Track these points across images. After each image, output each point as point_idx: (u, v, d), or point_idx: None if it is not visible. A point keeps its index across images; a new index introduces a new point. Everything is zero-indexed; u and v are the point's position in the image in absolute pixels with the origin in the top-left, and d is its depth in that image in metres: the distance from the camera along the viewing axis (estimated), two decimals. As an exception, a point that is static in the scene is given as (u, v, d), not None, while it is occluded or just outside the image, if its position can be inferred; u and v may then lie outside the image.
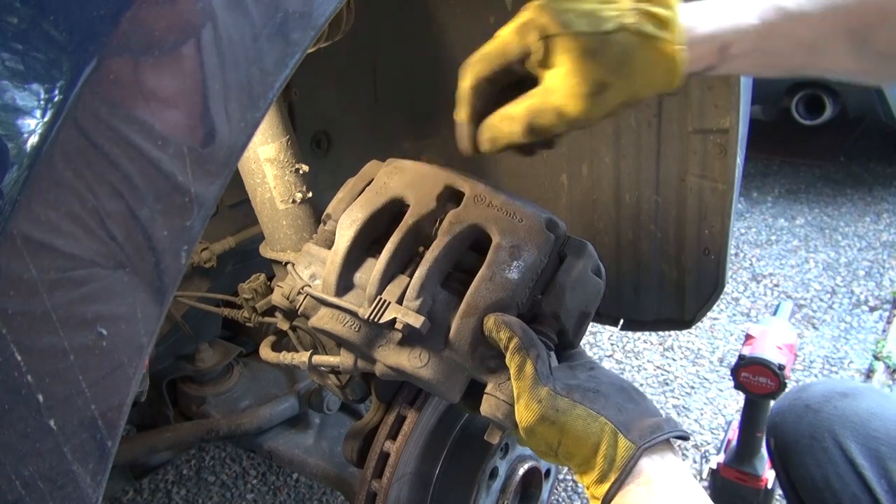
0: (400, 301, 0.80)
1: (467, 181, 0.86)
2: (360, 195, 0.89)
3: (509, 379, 0.79)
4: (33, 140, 0.39)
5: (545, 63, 0.71)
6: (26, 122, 0.39)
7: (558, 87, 0.70)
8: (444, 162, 0.93)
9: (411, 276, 0.81)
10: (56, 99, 0.39)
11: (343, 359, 0.91)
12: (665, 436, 0.76)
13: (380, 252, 0.84)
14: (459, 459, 1.06)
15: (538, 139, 0.73)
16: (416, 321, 0.78)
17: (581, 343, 0.91)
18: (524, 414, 0.75)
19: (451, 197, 0.86)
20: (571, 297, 0.84)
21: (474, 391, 0.82)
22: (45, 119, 0.39)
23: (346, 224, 0.86)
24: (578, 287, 0.85)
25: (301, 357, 1.02)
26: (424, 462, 1.03)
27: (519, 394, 0.76)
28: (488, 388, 0.80)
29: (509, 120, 0.71)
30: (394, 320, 0.79)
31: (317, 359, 0.99)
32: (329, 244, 0.90)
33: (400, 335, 0.80)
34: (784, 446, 1.14)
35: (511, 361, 0.76)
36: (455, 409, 1.04)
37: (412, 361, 0.80)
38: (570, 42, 0.67)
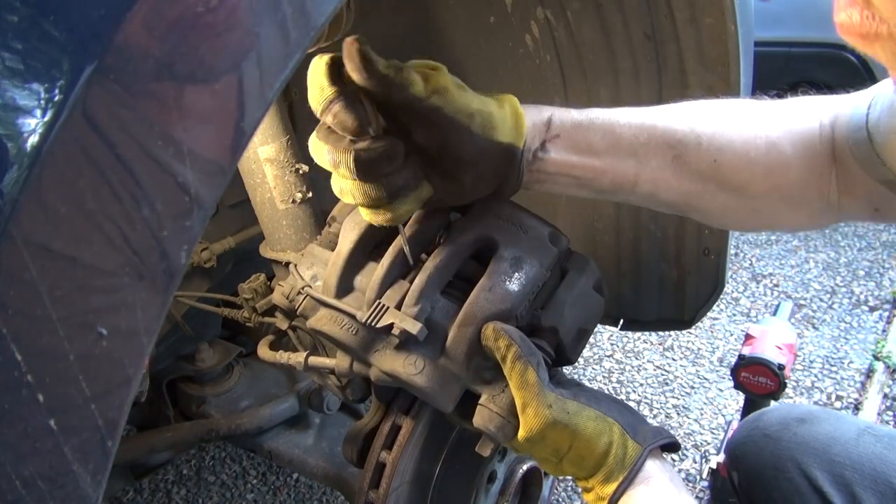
0: (399, 306, 0.80)
1: None
2: None
3: (503, 391, 0.78)
4: (33, 140, 0.39)
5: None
6: (26, 121, 0.39)
7: (432, 66, 0.74)
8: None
9: (412, 283, 0.81)
10: (56, 98, 0.39)
11: (339, 361, 0.91)
12: (666, 440, 0.77)
13: (382, 257, 0.83)
14: (457, 464, 1.06)
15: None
16: (413, 327, 0.78)
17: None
18: (533, 421, 0.75)
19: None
20: (571, 312, 0.83)
21: (467, 402, 0.82)
22: (46, 119, 0.39)
23: (350, 227, 0.86)
24: (579, 303, 0.84)
25: (297, 357, 1.02)
26: (422, 468, 1.03)
27: (525, 402, 0.75)
28: (482, 400, 0.79)
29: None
30: (391, 325, 0.79)
31: (313, 360, 0.99)
32: (332, 246, 0.90)
33: (396, 341, 0.80)
34: (748, 480, 1.10)
35: (512, 371, 0.76)
36: (451, 413, 1.04)
37: (407, 368, 0.80)
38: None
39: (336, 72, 0.70)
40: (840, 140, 0.83)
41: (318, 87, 0.70)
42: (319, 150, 0.73)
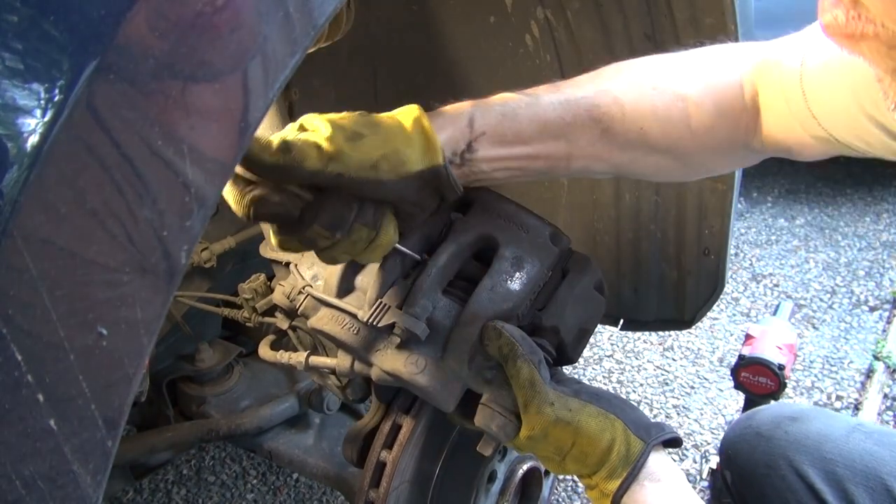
0: (400, 306, 0.80)
1: (475, 189, 0.86)
2: None
3: (505, 390, 0.78)
4: (33, 140, 0.39)
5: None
6: (26, 121, 0.39)
7: (318, 129, 0.71)
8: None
9: (413, 282, 0.81)
10: (56, 98, 0.39)
11: (340, 361, 0.91)
12: (668, 435, 0.77)
13: None
14: (457, 464, 1.06)
15: (283, 177, 0.69)
16: (415, 327, 0.78)
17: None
18: (536, 419, 0.75)
19: (458, 205, 0.86)
20: (572, 312, 0.83)
21: (468, 401, 0.82)
22: (46, 119, 0.39)
23: None
24: (580, 303, 0.84)
25: (298, 357, 1.02)
26: (422, 468, 1.03)
27: (527, 401, 0.75)
28: (483, 399, 0.80)
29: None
30: (393, 325, 0.79)
31: (314, 360, 0.99)
32: (332, 245, 0.90)
33: (398, 340, 0.80)
34: (741, 479, 1.11)
35: (513, 370, 0.76)
36: (452, 412, 1.04)
37: (408, 367, 0.80)
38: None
39: (238, 176, 0.70)
40: (770, 95, 0.83)
41: (233, 199, 0.70)
42: (288, 242, 0.73)
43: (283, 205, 0.70)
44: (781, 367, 1.53)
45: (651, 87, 0.82)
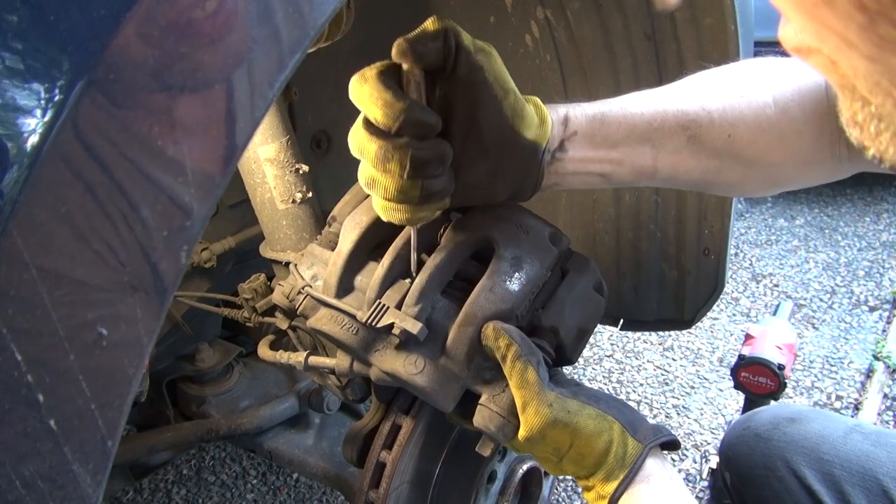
0: (399, 306, 0.80)
1: None
2: (366, 199, 0.89)
3: (503, 391, 0.78)
4: (33, 140, 0.39)
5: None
6: (26, 121, 0.39)
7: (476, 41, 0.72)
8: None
9: (412, 283, 0.81)
10: (56, 99, 0.39)
11: (339, 361, 0.91)
12: (666, 437, 0.77)
13: (382, 256, 0.83)
14: (457, 464, 1.05)
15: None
16: (414, 327, 0.78)
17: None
18: (534, 420, 0.75)
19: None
20: (572, 313, 0.83)
21: (467, 402, 0.82)
22: (46, 119, 0.39)
23: (350, 227, 0.86)
24: (579, 304, 0.84)
25: (297, 357, 1.02)
26: (422, 468, 1.03)
27: (525, 402, 0.75)
28: (482, 400, 0.79)
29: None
30: (391, 325, 0.79)
31: (313, 360, 0.99)
32: (332, 246, 0.90)
33: (397, 340, 0.80)
34: (740, 480, 1.11)
35: (512, 370, 0.76)
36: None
37: (407, 368, 0.80)
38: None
39: (396, 81, 0.69)
40: None
41: (383, 103, 0.68)
42: (367, 145, 0.70)
43: (431, 120, 0.69)
44: (781, 367, 1.53)
45: (739, 95, 0.82)
